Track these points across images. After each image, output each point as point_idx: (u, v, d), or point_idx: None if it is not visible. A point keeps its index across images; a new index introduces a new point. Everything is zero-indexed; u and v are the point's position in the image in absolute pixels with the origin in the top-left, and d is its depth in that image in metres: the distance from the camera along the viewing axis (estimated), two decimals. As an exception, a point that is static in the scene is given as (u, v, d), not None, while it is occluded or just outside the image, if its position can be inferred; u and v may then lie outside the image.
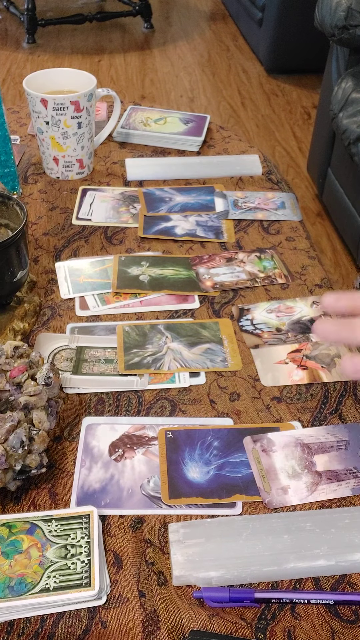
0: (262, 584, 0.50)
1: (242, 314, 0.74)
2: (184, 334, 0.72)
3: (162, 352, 0.69)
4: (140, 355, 0.68)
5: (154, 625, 0.47)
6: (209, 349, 0.70)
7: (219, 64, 3.24)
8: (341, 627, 0.47)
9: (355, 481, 0.57)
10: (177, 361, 0.68)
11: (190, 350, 0.70)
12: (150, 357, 0.68)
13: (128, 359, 0.68)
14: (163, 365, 0.67)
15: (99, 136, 1.02)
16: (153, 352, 0.69)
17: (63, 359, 0.67)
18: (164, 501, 0.55)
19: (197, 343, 0.71)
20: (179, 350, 0.69)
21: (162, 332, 0.72)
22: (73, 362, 0.67)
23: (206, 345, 0.70)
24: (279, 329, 0.72)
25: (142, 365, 0.67)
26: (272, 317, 0.74)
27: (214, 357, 0.69)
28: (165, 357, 0.68)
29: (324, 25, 1.73)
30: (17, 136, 1.08)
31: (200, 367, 0.68)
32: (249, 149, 1.08)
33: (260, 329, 0.72)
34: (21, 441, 0.52)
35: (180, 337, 0.71)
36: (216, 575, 0.49)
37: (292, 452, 0.59)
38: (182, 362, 0.68)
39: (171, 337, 0.71)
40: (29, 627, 0.47)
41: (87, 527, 0.51)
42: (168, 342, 0.70)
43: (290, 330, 0.72)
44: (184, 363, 0.68)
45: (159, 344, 0.70)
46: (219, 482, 0.56)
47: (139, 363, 0.68)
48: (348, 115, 1.66)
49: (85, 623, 0.47)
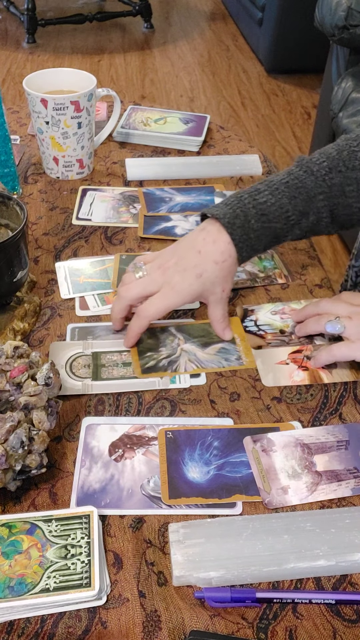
0: (263, 583, 0.50)
1: (246, 314, 0.74)
2: (196, 334, 0.72)
3: (176, 354, 0.69)
4: (155, 358, 0.68)
5: (154, 626, 0.47)
6: (222, 349, 0.70)
7: (219, 63, 3.24)
8: (343, 627, 0.47)
9: (355, 481, 0.57)
10: (192, 362, 0.68)
11: (204, 350, 0.70)
12: (166, 359, 0.68)
13: (143, 362, 0.68)
14: (179, 367, 0.67)
15: (99, 136, 1.02)
16: (167, 355, 0.69)
17: (81, 366, 0.67)
18: (164, 501, 0.55)
19: (210, 343, 0.71)
20: (193, 351, 0.69)
21: (174, 333, 0.72)
22: (91, 369, 0.67)
23: (219, 344, 0.70)
24: (282, 330, 0.72)
25: (159, 369, 0.67)
26: (277, 318, 0.74)
27: (228, 355, 0.69)
28: (180, 359, 0.68)
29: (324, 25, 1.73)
30: (17, 136, 1.08)
31: (217, 366, 0.68)
32: (249, 149, 1.08)
33: (263, 330, 0.72)
34: (21, 441, 0.52)
35: (193, 338, 0.71)
36: (216, 576, 0.49)
37: (292, 452, 0.59)
38: (198, 363, 0.68)
39: (184, 339, 0.71)
40: (29, 627, 0.47)
41: (87, 527, 0.51)
42: (181, 343, 0.70)
43: (294, 333, 0.72)
44: (200, 364, 0.68)
45: (172, 346, 0.70)
46: (219, 482, 0.56)
47: (155, 366, 0.68)
48: (348, 115, 1.66)
49: (85, 623, 0.47)
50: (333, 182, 0.71)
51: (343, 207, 0.72)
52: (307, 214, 0.71)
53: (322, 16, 1.72)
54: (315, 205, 0.71)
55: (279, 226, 0.70)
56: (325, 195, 0.71)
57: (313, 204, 0.71)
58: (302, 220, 0.71)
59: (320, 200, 0.71)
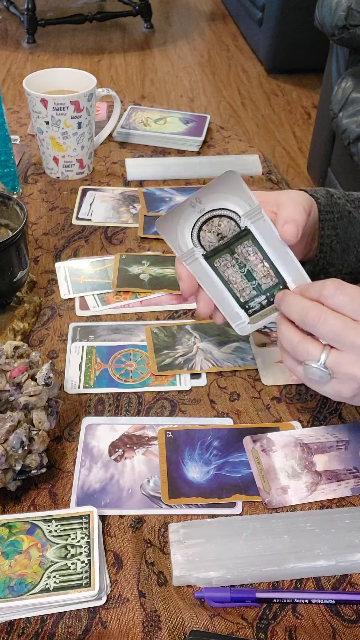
0: (263, 583, 0.50)
1: None
2: (212, 333, 0.72)
3: (192, 352, 0.69)
4: (171, 356, 0.68)
5: (154, 626, 0.47)
6: (238, 347, 0.70)
7: (219, 64, 3.24)
8: (342, 627, 0.47)
9: (355, 481, 0.57)
10: (208, 361, 0.68)
11: (219, 349, 0.70)
12: (182, 357, 0.68)
13: (160, 360, 0.68)
14: (195, 365, 0.68)
15: (99, 136, 1.02)
16: (184, 353, 0.69)
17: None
18: (164, 501, 0.55)
19: (226, 342, 0.71)
20: (209, 349, 0.70)
21: (190, 332, 0.72)
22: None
23: (235, 343, 0.70)
24: None
25: (175, 366, 0.67)
26: None
27: (244, 355, 0.69)
28: (196, 357, 0.68)
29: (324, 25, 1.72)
30: (17, 136, 1.08)
31: (232, 365, 0.68)
32: (249, 149, 1.08)
33: (269, 327, 0.72)
34: (21, 441, 0.52)
35: (209, 337, 0.71)
36: (216, 576, 0.49)
37: (291, 452, 0.59)
38: (214, 362, 0.68)
39: (200, 337, 0.71)
40: (29, 627, 0.47)
41: (87, 527, 0.51)
42: (197, 342, 0.70)
43: None
44: (215, 362, 0.68)
45: (188, 344, 0.70)
46: (219, 482, 0.56)
47: (171, 364, 0.68)
48: (348, 115, 1.65)
49: (85, 623, 0.47)
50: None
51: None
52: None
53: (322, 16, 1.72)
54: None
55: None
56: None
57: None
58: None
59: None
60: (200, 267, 0.57)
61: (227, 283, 0.57)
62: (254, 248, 0.56)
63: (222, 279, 0.57)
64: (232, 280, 0.57)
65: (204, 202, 0.56)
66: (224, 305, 0.58)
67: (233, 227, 0.56)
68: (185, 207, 0.56)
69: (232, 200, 0.55)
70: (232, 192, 0.55)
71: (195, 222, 0.56)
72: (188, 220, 0.56)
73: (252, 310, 0.57)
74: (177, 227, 0.57)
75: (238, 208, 0.55)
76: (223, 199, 0.55)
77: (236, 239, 0.56)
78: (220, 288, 0.57)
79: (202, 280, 0.58)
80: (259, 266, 0.56)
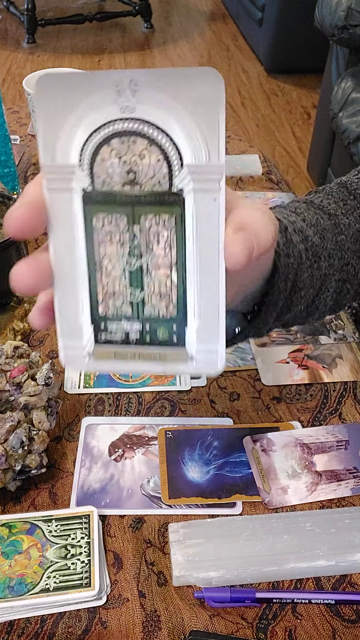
0: (263, 583, 0.50)
1: None
2: None
3: None
4: None
5: (154, 626, 0.47)
6: (238, 347, 0.70)
7: (219, 64, 3.24)
8: (342, 627, 0.47)
9: (355, 481, 0.57)
10: None
11: None
12: None
13: None
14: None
15: (99, 136, 1.01)
16: None
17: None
18: (164, 501, 0.55)
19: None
20: None
21: None
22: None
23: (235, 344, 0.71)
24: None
25: None
26: None
27: (244, 355, 0.69)
28: None
29: (324, 25, 1.72)
30: (17, 136, 1.08)
31: (232, 365, 0.68)
32: (249, 149, 1.08)
33: None
34: (21, 441, 0.52)
35: None
36: (216, 576, 0.49)
37: (291, 452, 0.59)
38: None
39: None
40: (29, 627, 0.47)
41: (87, 527, 0.51)
42: None
43: (300, 331, 0.72)
44: None
45: None
46: (219, 482, 0.56)
47: None
48: (348, 115, 1.66)
49: (85, 623, 0.47)
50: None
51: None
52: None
53: (322, 16, 1.72)
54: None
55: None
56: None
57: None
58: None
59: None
60: (67, 207, 0.31)
61: (94, 263, 0.31)
62: (171, 235, 0.31)
63: (90, 249, 0.31)
64: (103, 265, 0.32)
65: (138, 97, 0.29)
66: (66, 296, 0.32)
67: (160, 175, 0.30)
68: (102, 85, 0.28)
69: (186, 127, 0.29)
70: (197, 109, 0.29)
71: (103, 125, 0.29)
72: (94, 111, 0.29)
73: (106, 337, 0.33)
74: (69, 112, 0.29)
75: (188, 147, 0.29)
76: (172, 113, 0.29)
77: (154, 200, 0.30)
78: (75, 261, 0.32)
79: (56, 229, 0.31)
80: (162, 272, 0.32)
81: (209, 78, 0.28)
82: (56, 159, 0.30)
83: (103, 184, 0.30)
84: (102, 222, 0.31)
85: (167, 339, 0.32)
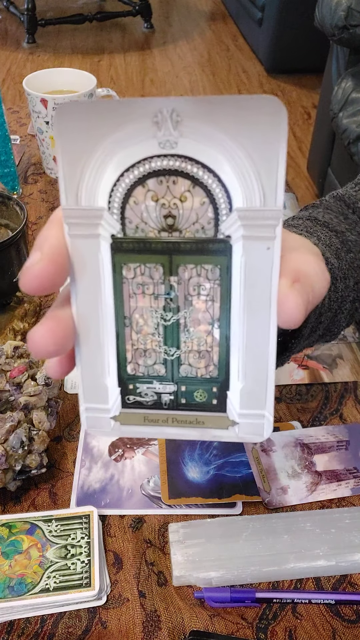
0: (263, 583, 0.50)
1: None
2: None
3: None
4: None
5: (154, 626, 0.47)
6: None
7: (219, 64, 3.24)
8: (342, 627, 0.47)
9: (355, 481, 0.57)
10: None
11: None
12: None
13: None
14: None
15: (99, 136, 1.01)
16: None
17: None
18: (164, 501, 0.55)
19: None
20: None
21: None
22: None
23: None
24: None
25: None
26: None
27: None
28: None
29: (324, 25, 1.72)
30: (17, 136, 1.08)
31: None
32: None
33: None
34: (21, 441, 0.52)
35: None
36: (216, 576, 0.49)
37: (291, 452, 0.59)
38: None
39: None
40: (29, 627, 0.47)
41: (87, 527, 0.51)
42: None
43: None
44: None
45: None
46: (219, 482, 0.56)
47: None
48: (348, 115, 1.66)
49: (85, 623, 0.47)
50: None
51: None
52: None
53: (322, 16, 1.72)
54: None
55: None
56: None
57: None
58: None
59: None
60: (93, 256, 0.27)
61: (123, 317, 0.28)
62: (214, 287, 0.27)
63: (119, 303, 0.28)
64: (134, 320, 0.28)
65: (181, 130, 0.25)
66: (90, 355, 0.29)
67: (205, 220, 0.26)
68: (139, 115, 0.25)
69: (238, 165, 0.25)
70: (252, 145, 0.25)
71: (137, 163, 0.26)
72: (127, 146, 0.25)
73: (135, 399, 0.29)
74: (98, 147, 0.25)
75: (239, 188, 0.26)
76: (221, 149, 0.25)
77: (196, 248, 0.27)
78: (102, 316, 0.28)
79: (80, 280, 0.28)
80: (202, 328, 0.28)
81: (268, 107, 0.24)
82: (81, 201, 0.26)
83: (136, 229, 0.26)
84: (133, 272, 0.27)
85: (206, 402, 0.28)
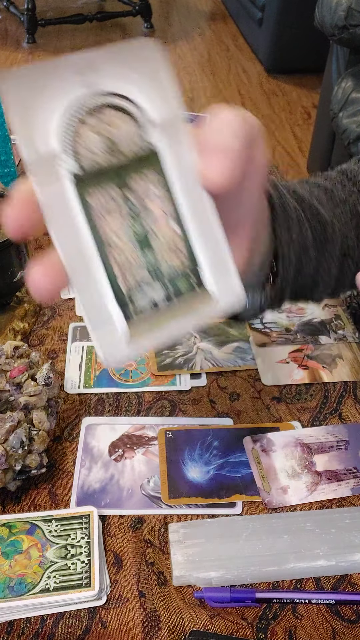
0: (263, 583, 0.50)
1: None
2: (212, 333, 0.72)
3: (192, 352, 0.69)
4: (171, 356, 0.69)
5: (154, 626, 0.47)
6: (238, 347, 0.70)
7: (219, 64, 3.24)
8: (342, 627, 0.47)
9: (355, 481, 0.57)
10: (208, 361, 0.68)
11: (219, 349, 0.70)
12: (182, 357, 0.69)
13: (160, 360, 0.68)
14: (195, 365, 0.68)
15: (99, 136, 1.02)
16: (184, 353, 0.69)
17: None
18: (164, 501, 0.55)
19: (226, 342, 0.71)
20: (209, 349, 0.70)
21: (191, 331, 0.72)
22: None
23: (235, 344, 0.71)
24: (288, 329, 0.73)
25: (175, 366, 0.67)
26: (283, 317, 0.74)
27: (244, 355, 0.69)
28: (196, 357, 0.69)
29: (324, 25, 1.72)
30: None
31: (232, 365, 0.68)
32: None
33: (269, 327, 0.72)
34: (21, 441, 0.52)
35: (209, 337, 0.71)
36: (216, 576, 0.49)
37: (291, 452, 0.59)
38: (214, 362, 0.68)
39: (200, 337, 0.71)
40: (29, 627, 0.47)
41: (87, 527, 0.51)
42: (197, 341, 0.71)
43: (300, 332, 0.72)
44: (215, 362, 0.68)
45: (188, 344, 0.70)
46: (219, 482, 0.56)
47: (171, 364, 0.68)
48: (348, 115, 1.66)
49: (85, 623, 0.47)
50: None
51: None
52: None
53: (322, 16, 1.72)
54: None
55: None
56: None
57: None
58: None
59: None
60: (61, 195, 0.29)
61: (101, 241, 0.30)
62: (158, 187, 0.31)
63: (94, 229, 0.30)
64: (111, 240, 0.30)
65: (100, 73, 0.30)
66: (85, 285, 0.30)
67: (134, 135, 0.30)
68: (64, 71, 0.29)
69: (145, 88, 0.31)
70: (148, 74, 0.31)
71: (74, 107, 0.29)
72: (62, 95, 0.29)
73: (134, 310, 0.30)
74: (40, 103, 0.29)
75: (150, 104, 0.31)
76: (131, 80, 0.31)
77: (134, 160, 0.30)
78: (83, 246, 0.30)
79: (56, 222, 0.30)
80: (163, 224, 0.31)
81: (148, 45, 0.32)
82: (37, 148, 0.29)
83: (89, 161, 0.30)
84: (97, 199, 0.30)
85: (189, 288, 0.31)
